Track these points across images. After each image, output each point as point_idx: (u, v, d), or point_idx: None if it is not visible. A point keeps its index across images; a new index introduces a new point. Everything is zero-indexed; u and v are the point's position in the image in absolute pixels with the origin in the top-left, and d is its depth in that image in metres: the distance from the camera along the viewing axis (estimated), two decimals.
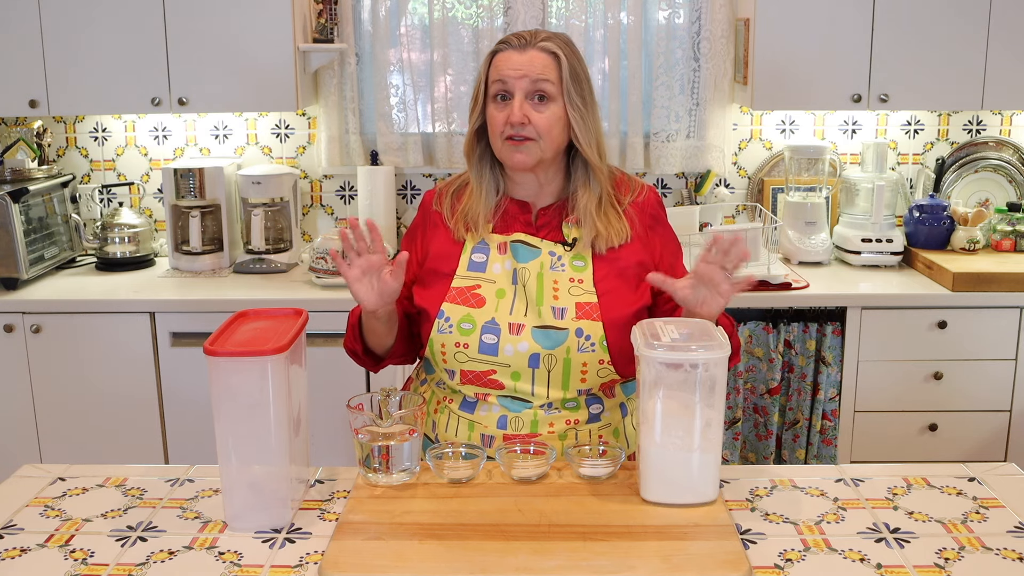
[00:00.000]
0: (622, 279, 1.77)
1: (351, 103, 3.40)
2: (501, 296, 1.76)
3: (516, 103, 1.72)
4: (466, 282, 1.78)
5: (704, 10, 3.32)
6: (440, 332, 1.75)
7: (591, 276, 1.77)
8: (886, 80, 3.10)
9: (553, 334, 1.72)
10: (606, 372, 1.76)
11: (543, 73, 1.73)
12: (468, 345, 1.74)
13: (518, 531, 1.45)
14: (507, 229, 1.82)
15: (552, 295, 1.75)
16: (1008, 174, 3.44)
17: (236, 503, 1.50)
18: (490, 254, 1.80)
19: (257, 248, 3.27)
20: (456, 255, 1.81)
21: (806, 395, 3.01)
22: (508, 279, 1.77)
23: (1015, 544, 1.44)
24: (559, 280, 1.76)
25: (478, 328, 1.74)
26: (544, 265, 1.77)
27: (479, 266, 1.79)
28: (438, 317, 1.76)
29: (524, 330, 1.73)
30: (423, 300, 1.80)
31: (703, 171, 3.47)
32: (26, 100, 3.11)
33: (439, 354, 1.77)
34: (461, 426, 1.80)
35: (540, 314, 1.74)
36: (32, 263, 3.11)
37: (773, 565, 1.38)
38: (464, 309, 1.75)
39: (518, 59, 1.73)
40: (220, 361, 1.44)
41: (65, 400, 3.01)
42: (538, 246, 1.79)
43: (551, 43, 1.74)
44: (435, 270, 1.81)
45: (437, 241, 1.85)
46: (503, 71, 1.73)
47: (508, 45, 1.76)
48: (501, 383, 1.75)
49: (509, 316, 1.74)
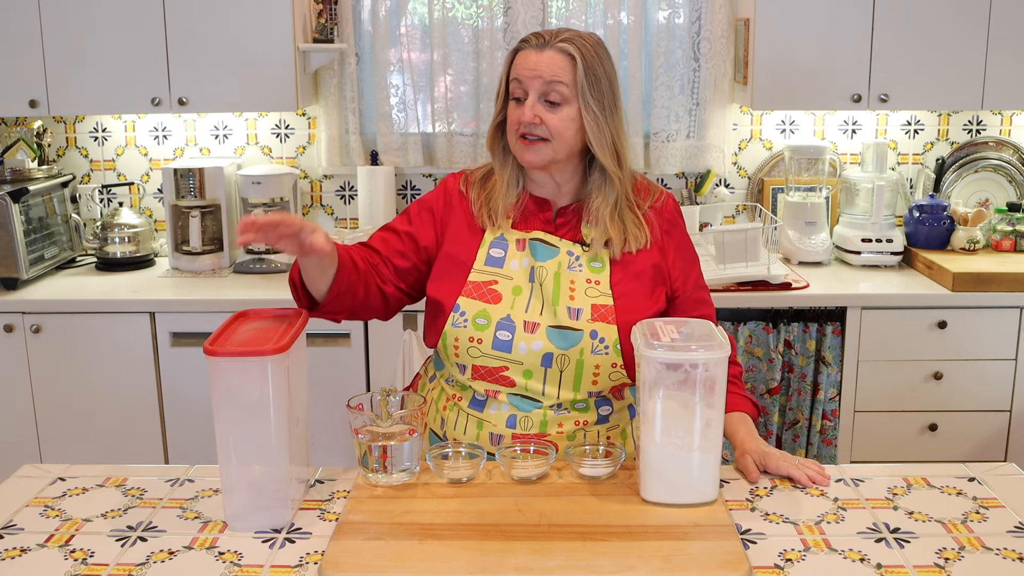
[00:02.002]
0: (638, 282, 1.77)
1: (351, 103, 3.40)
2: (517, 293, 1.76)
3: (528, 104, 1.72)
4: (483, 276, 1.78)
5: (704, 10, 3.32)
6: (455, 326, 1.75)
7: (608, 278, 1.76)
8: (886, 80, 3.10)
9: (568, 334, 1.72)
10: (618, 376, 1.76)
11: (557, 75, 1.72)
12: (482, 340, 1.73)
13: (518, 531, 1.45)
14: (527, 226, 1.81)
15: (568, 295, 1.75)
16: (1008, 174, 3.44)
17: (236, 503, 1.50)
18: (508, 250, 1.79)
19: (257, 248, 3.27)
20: (474, 246, 1.80)
21: (806, 395, 3.01)
22: (525, 277, 1.77)
23: (1015, 544, 1.44)
24: (576, 280, 1.76)
25: (493, 324, 1.73)
26: (562, 265, 1.77)
27: (497, 261, 1.79)
28: (453, 311, 1.75)
29: (539, 329, 1.73)
30: (437, 291, 1.80)
31: (703, 171, 3.47)
32: (26, 100, 3.11)
33: (452, 348, 1.76)
34: (470, 424, 1.80)
35: (556, 314, 1.73)
36: (32, 263, 3.11)
37: (773, 565, 1.38)
38: (480, 304, 1.75)
39: (534, 59, 1.73)
40: (220, 361, 1.44)
41: (65, 400, 3.01)
42: (556, 245, 1.79)
43: (570, 44, 1.73)
44: (453, 257, 1.80)
45: (455, 226, 1.83)
46: (519, 70, 1.74)
47: (528, 44, 1.75)
48: (512, 380, 1.75)
49: (525, 314, 1.74)
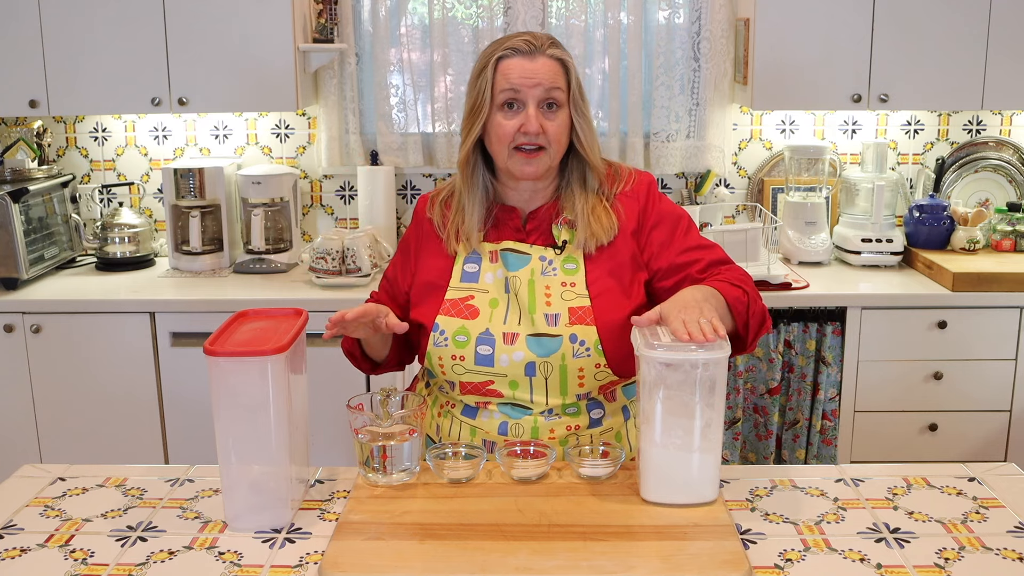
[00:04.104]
0: (614, 278, 1.76)
1: (351, 103, 3.40)
2: (494, 306, 1.75)
3: (531, 112, 1.70)
4: (459, 293, 1.77)
5: (704, 10, 3.32)
6: (436, 345, 1.74)
7: (583, 278, 1.75)
8: (886, 80, 3.10)
9: (546, 342, 1.71)
10: (604, 375, 1.75)
11: (555, 81, 1.71)
12: (464, 357, 1.73)
13: (518, 531, 1.45)
14: (497, 236, 1.80)
15: (545, 301, 1.74)
16: (1008, 174, 3.44)
17: (236, 503, 1.50)
18: (482, 263, 1.79)
19: (257, 248, 3.27)
20: (449, 267, 1.80)
21: (806, 395, 3.00)
22: (501, 288, 1.76)
23: (1015, 544, 1.44)
24: (551, 285, 1.75)
25: (473, 340, 1.73)
26: (535, 271, 1.76)
27: (472, 276, 1.78)
28: (433, 330, 1.75)
29: (518, 339, 1.72)
30: (418, 314, 1.80)
31: (703, 171, 3.47)
32: (26, 100, 3.11)
33: (437, 367, 1.77)
34: (464, 431, 1.80)
35: (533, 322, 1.72)
36: (32, 263, 3.11)
37: (773, 565, 1.38)
38: (459, 321, 1.74)
39: (530, 66, 1.70)
40: (220, 361, 1.44)
41: (65, 400, 3.01)
42: (528, 252, 1.78)
43: (558, 49, 1.73)
44: (429, 282, 1.81)
45: (429, 251, 1.84)
46: (514, 79, 1.70)
47: (515, 51, 1.71)
48: (500, 392, 1.75)
49: (503, 326, 1.73)
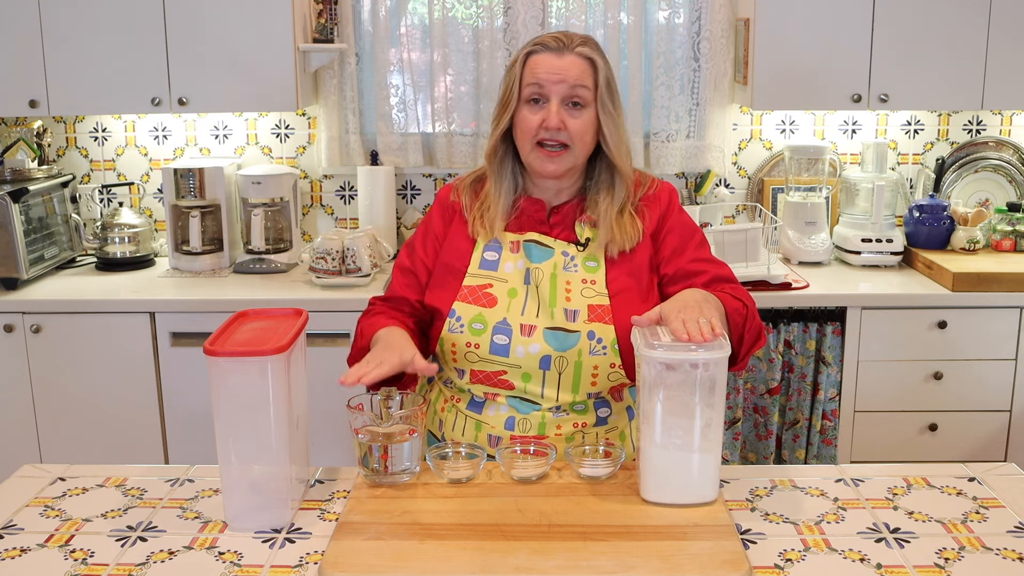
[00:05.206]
0: (634, 279, 1.77)
1: (351, 103, 3.40)
2: (513, 296, 1.75)
3: (553, 108, 1.71)
4: (478, 280, 1.77)
5: (704, 10, 3.32)
6: (451, 331, 1.74)
7: (604, 277, 1.76)
8: (886, 80, 3.10)
9: (564, 336, 1.72)
10: (617, 376, 1.75)
11: (580, 79, 1.72)
12: (479, 345, 1.73)
13: (518, 531, 1.45)
14: (520, 227, 1.80)
15: (565, 296, 1.74)
16: (1008, 174, 3.44)
17: (236, 503, 1.50)
18: (502, 252, 1.79)
19: (257, 248, 3.27)
20: (468, 252, 1.80)
21: (806, 395, 3.00)
22: (520, 279, 1.76)
23: (1015, 544, 1.44)
24: (572, 281, 1.75)
25: (489, 328, 1.73)
26: (557, 266, 1.77)
27: (491, 264, 1.78)
28: (449, 316, 1.75)
29: (536, 332, 1.72)
30: (434, 299, 1.79)
31: (703, 171, 3.47)
32: (26, 100, 3.11)
33: (449, 353, 1.76)
34: (468, 426, 1.80)
35: (552, 316, 1.73)
36: (32, 263, 3.11)
37: (773, 565, 1.38)
38: (476, 308, 1.74)
39: (557, 63, 1.71)
40: (220, 361, 1.44)
41: (65, 400, 3.01)
42: (551, 246, 1.78)
43: (588, 48, 1.73)
44: (448, 264, 1.81)
45: (453, 232, 1.83)
46: (540, 74, 1.72)
47: (545, 47, 1.73)
48: (511, 383, 1.75)
49: (521, 317, 1.73)
